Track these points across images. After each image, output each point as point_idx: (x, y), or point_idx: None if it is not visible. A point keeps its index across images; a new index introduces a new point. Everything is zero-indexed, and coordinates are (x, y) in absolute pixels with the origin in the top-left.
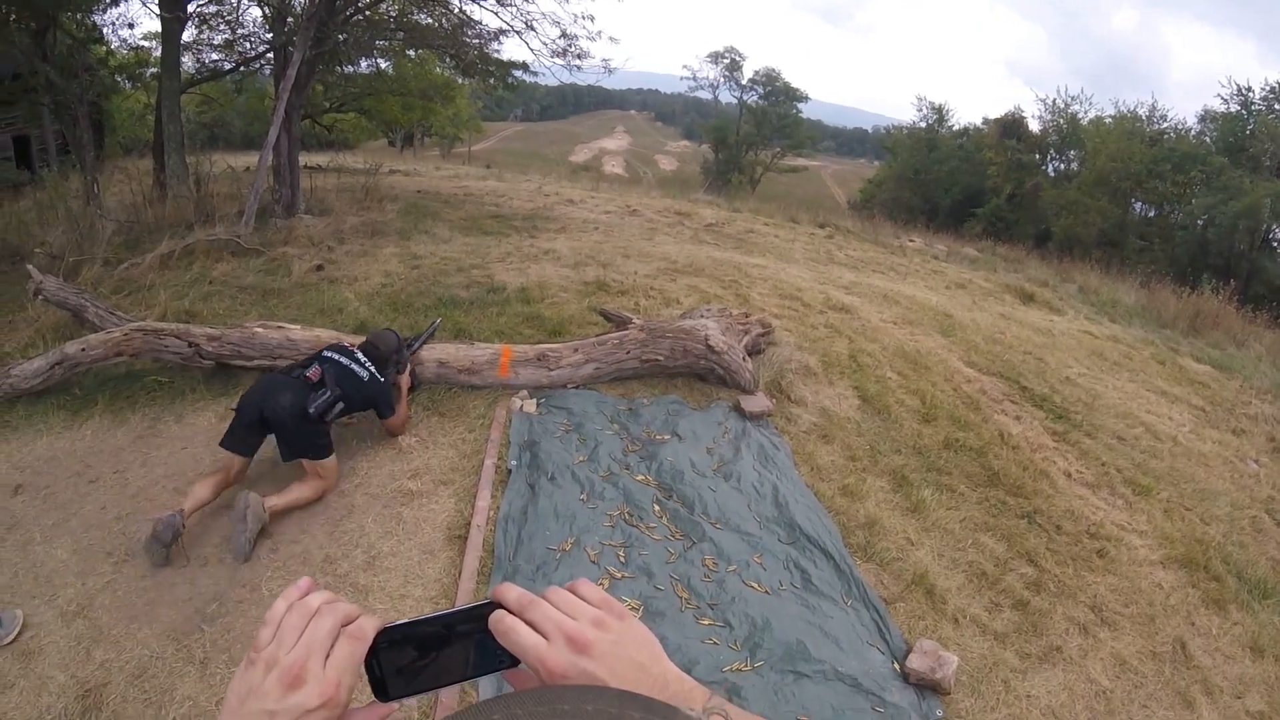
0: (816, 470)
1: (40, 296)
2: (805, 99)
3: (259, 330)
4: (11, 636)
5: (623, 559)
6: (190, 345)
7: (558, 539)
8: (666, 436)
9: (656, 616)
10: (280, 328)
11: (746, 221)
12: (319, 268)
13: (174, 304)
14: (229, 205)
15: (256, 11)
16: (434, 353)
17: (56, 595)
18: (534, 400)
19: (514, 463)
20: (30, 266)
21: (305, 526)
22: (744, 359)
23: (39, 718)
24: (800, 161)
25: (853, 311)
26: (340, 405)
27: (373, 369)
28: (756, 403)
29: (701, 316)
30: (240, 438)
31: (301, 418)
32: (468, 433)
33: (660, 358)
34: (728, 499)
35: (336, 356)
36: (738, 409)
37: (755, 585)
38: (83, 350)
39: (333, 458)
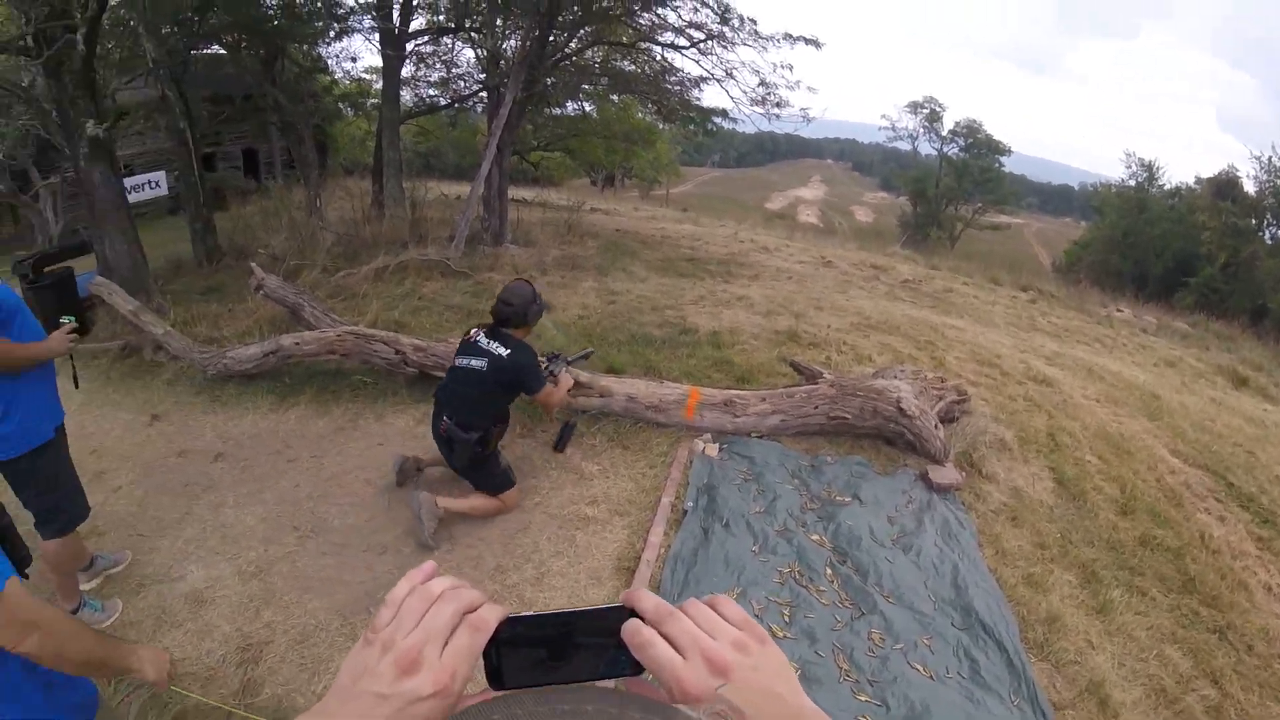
0: (1001, 554)
1: (261, 291)
2: (1007, 152)
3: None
4: (119, 569)
5: (787, 618)
6: (397, 353)
7: (723, 586)
8: (847, 499)
9: (813, 683)
10: None
11: (945, 280)
12: None
13: (385, 314)
14: (440, 229)
15: (470, 53)
16: (624, 387)
17: (238, 556)
18: (716, 445)
19: (690, 504)
20: (254, 264)
21: (483, 535)
22: (936, 426)
23: (199, 658)
24: (1002, 218)
25: (1054, 384)
26: (484, 427)
27: (503, 347)
28: (946, 474)
29: (894, 377)
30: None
31: (468, 469)
32: (648, 468)
33: (848, 416)
34: (904, 572)
35: (462, 364)
36: (925, 479)
37: (920, 668)
38: (297, 344)
39: (514, 489)
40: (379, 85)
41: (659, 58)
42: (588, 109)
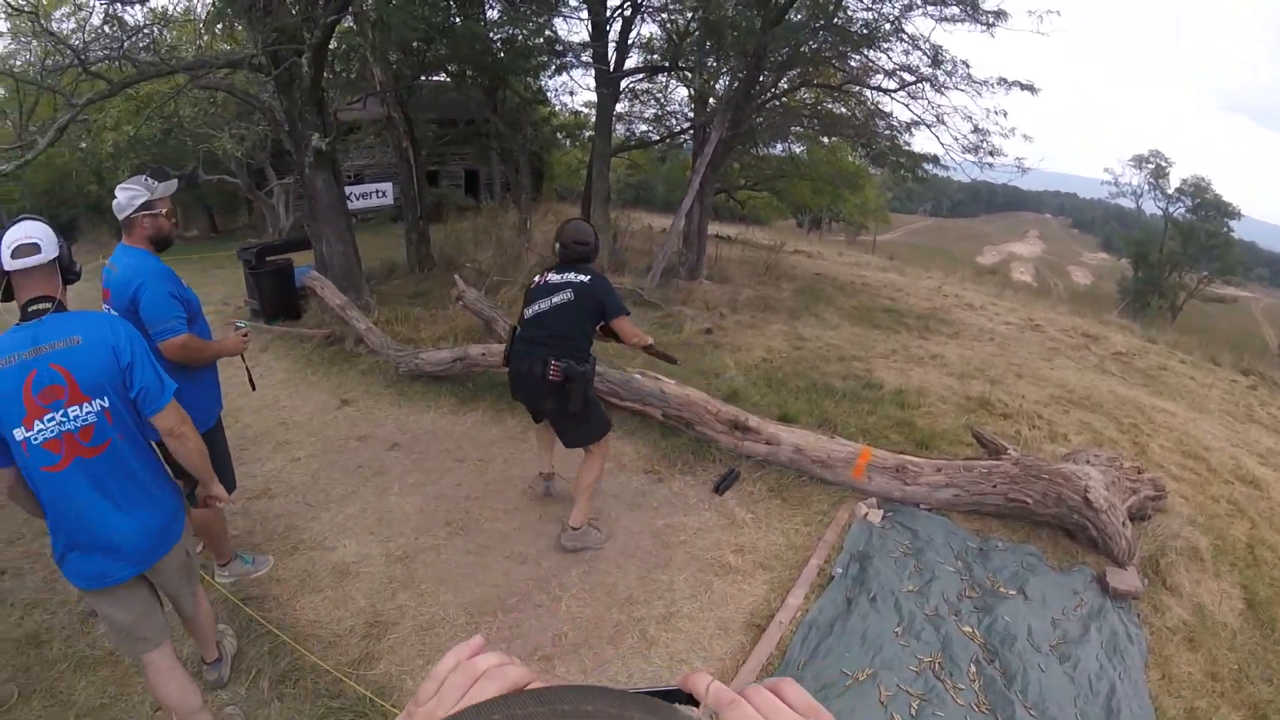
0: (1167, 679)
1: (460, 302)
2: (1237, 215)
3: (637, 377)
4: (261, 573)
5: (913, 712)
6: None
7: (856, 665)
8: (1011, 591)
9: None
10: (656, 379)
11: (1160, 355)
12: (708, 331)
13: None
14: (639, 259)
15: (683, 91)
16: (793, 437)
17: (390, 539)
18: (880, 511)
19: (839, 570)
20: (457, 276)
21: (622, 563)
22: (1124, 523)
23: (329, 623)
24: (1229, 290)
25: (1264, 488)
26: (589, 354)
27: (584, 275)
28: (1126, 580)
29: (1086, 461)
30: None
31: (579, 414)
32: (804, 525)
33: (1029, 500)
34: (1055, 685)
35: (545, 305)
36: (1101, 581)
37: None
38: (484, 354)
39: (606, 438)
40: (595, 119)
41: (869, 101)
42: (796, 150)
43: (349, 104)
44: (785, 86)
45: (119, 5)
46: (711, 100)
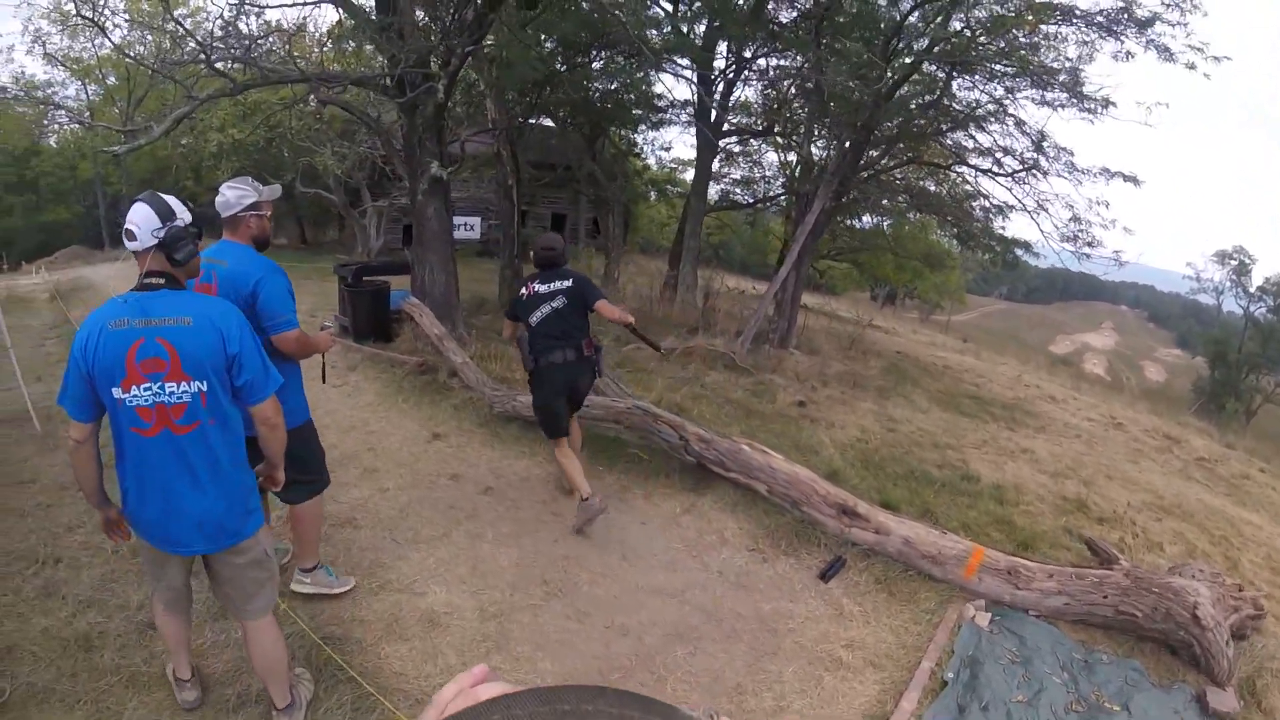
0: None
1: None
2: None
3: (745, 448)
4: (340, 591)
5: None
6: (681, 438)
7: None
8: (1116, 708)
9: None
10: (765, 453)
11: (1240, 463)
12: (801, 403)
13: (668, 394)
14: (727, 322)
15: (772, 156)
16: (902, 528)
17: (482, 592)
18: (988, 615)
19: (951, 675)
20: None
21: (728, 647)
22: (1227, 643)
23: (416, 677)
24: None
25: None
26: (586, 336)
27: (565, 280)
28: (1225, 700)
29: (1192, 576)
30: (563, 424)
31: (591, 387)
32: (912, 623)
33: (1138, 614)
34: None
35: (546, 310)
36: (1201, 700)
37: None
38: (586, 406)
39: None
40: (684, 175)
41: (969, 181)
42: (883, 223)
43: (457, 139)
44: (890, 162)
45: (241, 7)
46: (816, 169)
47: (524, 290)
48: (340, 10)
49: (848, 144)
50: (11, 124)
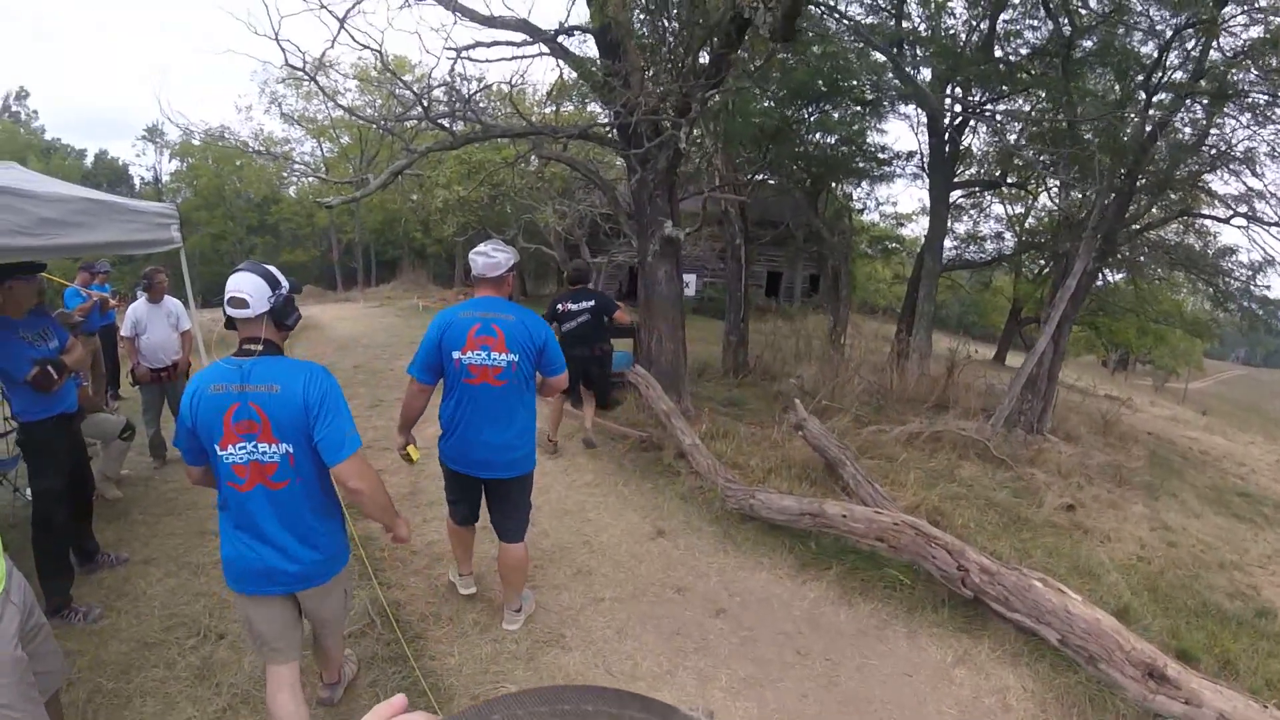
0: None
1: (801, 432)
2: None
3: (1037, 584)
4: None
5: None
6: (960, 568)
7: None
8: None
9: None
10: (1062, 592)
11: None
12: (1070, 507)
13: (922, 493)
14: (968, 398)
15: (1000, 209)
16: (1219, 700)
17: None
18: None
19: None
20: (796, 401)
21: None
22: None
23: None
24: None
25: None
26: (604, 340)
27: (589, 300)
28: None
29: None
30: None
31: (603, 377)
32: None
33: None
34: None
35: (576, 323)
36: None
37: None
38: (844, 517)
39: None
40: (903, 230)
41: (1210, 232)
42: (1127, 282)
43: (687, 195)
44: (1159, 214)
45: (460, 56)
46: (1073, 225)
47: (560, 306)
48: (561, 62)
49: (1112, 194)
50: (254, 175)
